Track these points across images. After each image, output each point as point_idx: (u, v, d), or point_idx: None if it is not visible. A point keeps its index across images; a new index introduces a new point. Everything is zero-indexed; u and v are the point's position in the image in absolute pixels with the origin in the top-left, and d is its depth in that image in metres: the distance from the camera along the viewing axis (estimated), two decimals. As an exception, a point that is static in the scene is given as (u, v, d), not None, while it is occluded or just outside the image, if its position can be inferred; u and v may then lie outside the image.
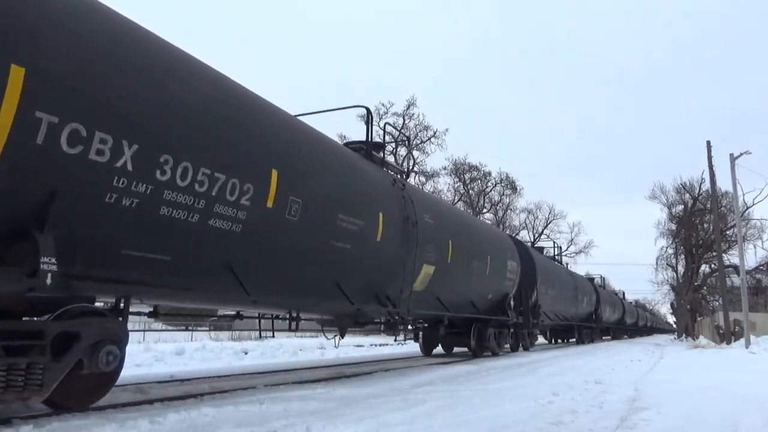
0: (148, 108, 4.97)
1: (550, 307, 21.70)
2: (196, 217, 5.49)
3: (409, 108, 37.88)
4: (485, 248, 13.89)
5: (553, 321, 23.19)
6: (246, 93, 6.70)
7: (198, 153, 5.41)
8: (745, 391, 7.92)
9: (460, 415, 5.62)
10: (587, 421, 5.44)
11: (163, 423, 4.89)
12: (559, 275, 24.45)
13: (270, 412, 5.57)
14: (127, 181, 4.76)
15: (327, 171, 7.70)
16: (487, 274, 13.70)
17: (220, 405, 5.79)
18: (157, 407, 5.81)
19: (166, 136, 5.09)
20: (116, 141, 4.61)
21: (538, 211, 52.45)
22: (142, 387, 7.68)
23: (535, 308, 18.50)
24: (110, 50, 4.74)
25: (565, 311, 24.75)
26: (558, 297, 22.74)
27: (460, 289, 12.63)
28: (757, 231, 37.13)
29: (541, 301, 19.36)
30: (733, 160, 23.19)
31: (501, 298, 15.26)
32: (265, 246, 6.52)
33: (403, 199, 9.88)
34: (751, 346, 20.06)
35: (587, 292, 29.92)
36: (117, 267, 5.14)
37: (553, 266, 25.04)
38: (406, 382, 8.55)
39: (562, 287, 23.90)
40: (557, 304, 22.89)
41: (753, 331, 23.24)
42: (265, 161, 6.33)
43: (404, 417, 5.40)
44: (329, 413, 5.52)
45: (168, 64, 5.44)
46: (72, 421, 4.90)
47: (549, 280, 21.23)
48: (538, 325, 19.37)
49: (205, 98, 5.72)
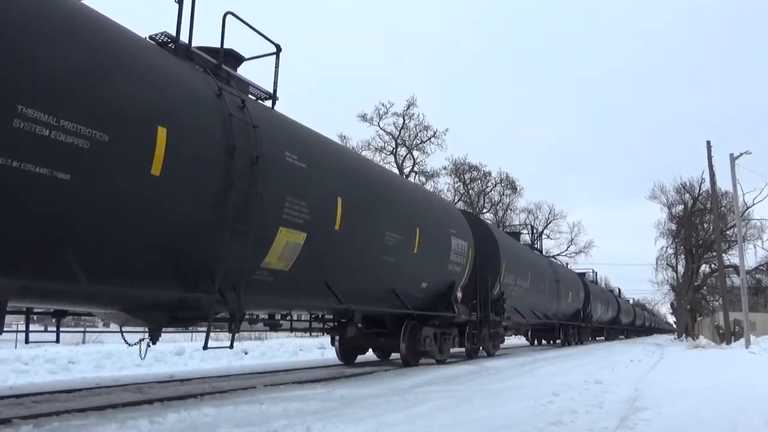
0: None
1: (522, 301, 18.29)
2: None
3: (409, 108, 37.89)
4: (411, 216, 10.34)
5: (528, 319, 19.54)
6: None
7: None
8: (745, 391, 7.92)
9: (460, 415, 5.62)
10: (587, 421, 5.44)
11: (163, 423, 4.89)
12: (535, 264, 20.77)
13: (270, 412, 5.57)
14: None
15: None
16: (415, 253, 10.21)
17: (219, 405, 5.79)
18: (157, 407, 5.81)
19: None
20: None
21: (538, 211, 52.42)
22: (142, 387, 7.69)
23: (499, 303, 15.28)
24: None
25: (544, 307, 21.56)
26: (533, 290, 19.41)
27: (365, 270, 9.05)
28: (757, 231, 37.19)
29: (508, 293, 16.22)
30: (733, 160, 23.19)
31: (444, 288, 11.83)
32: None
33: (230, 118, 6.16)
34: (751, 346, 20.05)
35: (573, 287, 26.62)
36: None
37: (526, 252, 21.17)
38: (406, 382, 8.55)
39: (539, 279, 20.39)
40: (532, 298, 19.57)
41: (753, 331, 23.23)
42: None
43: (404, 417, 5.40)
44: (329, 413, 5.52)
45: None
46: (72, 421, 4.91)
47: (519, 268, 17.65)
48: (501, 323, 15.79)
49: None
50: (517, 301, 17.62)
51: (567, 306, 25.11)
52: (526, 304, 18.95)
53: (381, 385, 8.20)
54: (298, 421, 4.99)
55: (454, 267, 12.15)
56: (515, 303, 17.38)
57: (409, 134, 38.45)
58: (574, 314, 26.95)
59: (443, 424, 5.09)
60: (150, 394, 6.98)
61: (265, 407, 5.82)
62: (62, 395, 6.84)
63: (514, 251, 18.09)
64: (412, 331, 11.28)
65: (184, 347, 13.53)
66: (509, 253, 16.70)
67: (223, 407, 5.65)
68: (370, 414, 5.51)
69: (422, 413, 5.65)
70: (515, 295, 17.21)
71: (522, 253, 19.79)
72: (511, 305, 16.84)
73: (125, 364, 10.69)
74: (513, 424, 5.15)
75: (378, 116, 37.60)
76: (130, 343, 7.01)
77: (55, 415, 5.13)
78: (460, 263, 12.41)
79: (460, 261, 12.38)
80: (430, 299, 11.58)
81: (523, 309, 18.60)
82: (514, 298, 17.05)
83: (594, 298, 31.10)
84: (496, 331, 15.95)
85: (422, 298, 11.24)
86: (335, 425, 4.87)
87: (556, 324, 23.68)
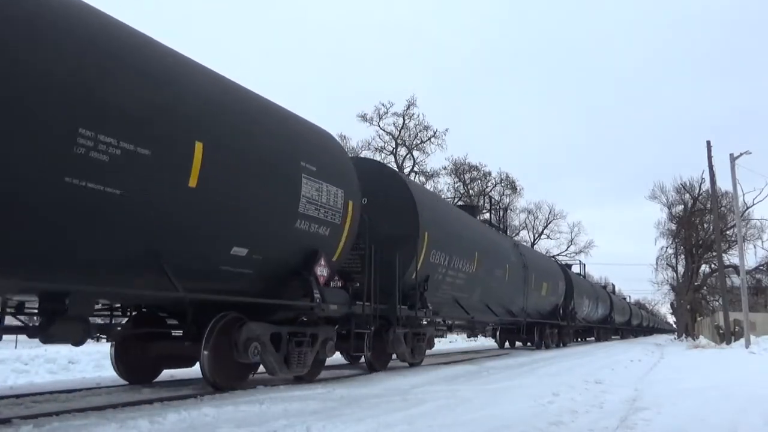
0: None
1: (468, 291, 13.50)
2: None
3: (409, 108, 37.95)
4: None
5: (476, 315, 14.71)
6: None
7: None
8: (745, 391, 7.92)
9: (460, 415, 5.62)
10: (587, 421, 5.44)
11: (163, 423, 4.89)
12: (487, 243, 15.12)
13: (270, 412, 5.57)
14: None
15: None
16: (193, 187, 6.15)
17: (219, 405, 5.79)
18: (157, 407, 5.81)
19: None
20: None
21: (538, 211, 52.50)
22: (142, 387, 7.68)
23: (416, 291, 10.72)
24: None
25: (503, 301, 16.72)
26: (485, 277, 14.38)
27: None
28: (757, 231, 37.23)
29: (438, 279, 11.75)
30: (733, 160, 23.20)
31: (294, 260, 7.64)
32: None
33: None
34: (751, 346, 20.05)
35: (550, 277, 22.12)
36: None
37: (472, 225, 14.85)
38: (406, 382, 8.55)
39: (494, 262, 15.16)
40: (485, 288, 14.57)
41: (753, 331, 23.23)
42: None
43: (404, 417, 5.40)
44: (329, 413, 5.52)
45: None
46: (72, 421, 4.91)
47: (457, 245, 12.53)
48: (420, 320, 11.47)
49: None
50: (459, 290, 13.02)
51: (540, 300, 20.77)
52: (476, 296, 14.13)
53: (381, 385, 8.20)
54: (298, 421, 4.99)
55: (314, 227, 7.76)
56: (455, 293, 12.88)
57: (409, 134, 38.53)
58: (552, 311, 22.73)
59: (443, 424, 5.09)
60: (150, 394, 6.98)
61: (265, 407, 5.82)
62: (62, 395, 6.84)
63: (447, 220, 12.54)
64: (222, 332, 6.92)
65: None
66: (436, 222, 11.46)
67: (223, 407, 5.65)
68: (370, 414, 5.51)
69: (422, 413, 5.66)
70: (454, 281, 12.63)
71: (463, 225, 13.74)
72: (448, 296, 12.59)
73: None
74: (513, 424, 5.15)
75: (378, 116, 37.69)
76: None
77: (55, 415, 5.13)
78: (329, 222, 8.02)
79: (329, 218, 8.00)
80: (265, 278, 7.39)
81: (471, 302, 13.89)
82: (452, 286, 12.59)
83: (579, 293, 26.89)
84: (416, 332, 11.39)
85: (246, 276, 7.05)
86: (335, 425, 4.87)
87: (521, 322, 18.80)
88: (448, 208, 14.75)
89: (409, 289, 10.69)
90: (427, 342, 12.17)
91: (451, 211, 14.12)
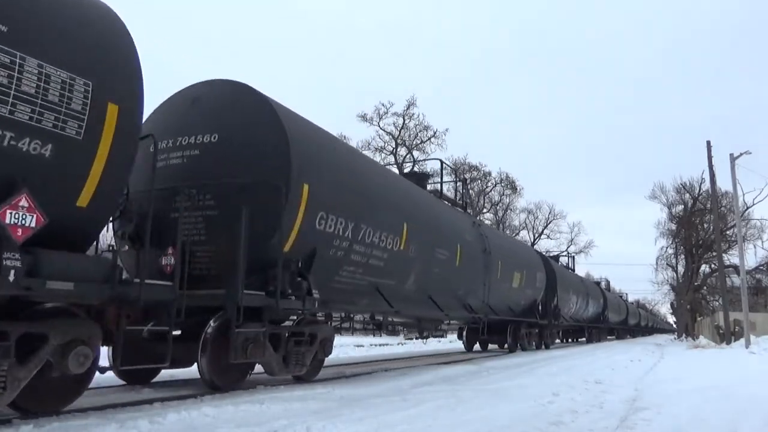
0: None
1: (392, 276, 9.91)
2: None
3: (409, 108, 37.94)
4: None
5: (398, 308, 10.36)
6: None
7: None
8: (745, 391, 7.92)
9: (460, 415, 5.62)
10: (587, 421, 5.44)
11: (163, 423, 4.88)
12: (418, 210, 11.02)
13: (270, 412, 5.57)
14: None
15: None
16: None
17: (219, 405, 5.78)
18: (157, 407, 5.80)
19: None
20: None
21: (538, 211, 52.58)
22: (142, 387, 7.67)
23: (285, 271, 7.20)
24: None
25: (455, 292, 13.08)
26: (415, 257, 10.45)
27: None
28: (757, 231, 37.24)
29: (332, 254, 8.26)
30: (733, 160, 23.19)
31: None
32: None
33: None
34: (751, 346, 20.05)
35: (524, 267, 18.24)
36: None
37: (391, 182, 10.74)
38: (406, 382, 8.55)
39: (427, 236, 10.94)
40: (421, 274, 10.80)
41: (753, 331, 23.23)
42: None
43: (404, 417, 5.40)
44: (329, 413, 5.52)
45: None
46: (72, 421, 4.90)
47: (358, 207, 8.73)
48: (291, 310, 7.78)
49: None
50: (379, 274, 9.47)
51: (511, 294, 17.02)
52: (409, 284, 10.54)
53: (381, 385, 8.20)
54: (299, 421, 4.99)
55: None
56: (375, 278, 9.39)
57: (409, 134, 38.52)
58: (530, 307, 19.22)
59: (443, 424, 5.09)
60: (150, 394, 6.97)
61: (265, 407, 5.82)
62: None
63: (351, 173, 8.90)
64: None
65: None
66: (328, 171, 8.10)
67: (223, 407, 5.65)
68: (370, 414, 5.51)
69: (422, 413, 5.65)
70: (368, 261, 9.05)
71: (382, 184, 9.96)
72: (361, 282, 9.13)
73: (125, 364, 10.66)
74: (513, 424, 5.15)
75: (378, 116, 37.68)
76: None
77: (55, 415, 5.13)
78: (49, 132, 4.50)
79: (46, 125, 2.79)
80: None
81: (402, 291, 10.33)
82: (365, 267, 9.05)
83: (565, 287, 23.57)
84: (297, 332, 7.88)
85: None
86: (335, 425, 4.87)
87: (481, 319, 15.29)
88: (355, 157, 10.05)
89: (280, 267, 6.90)
90: (319, 346, 8.23)
91: (359, 162, 9.79)
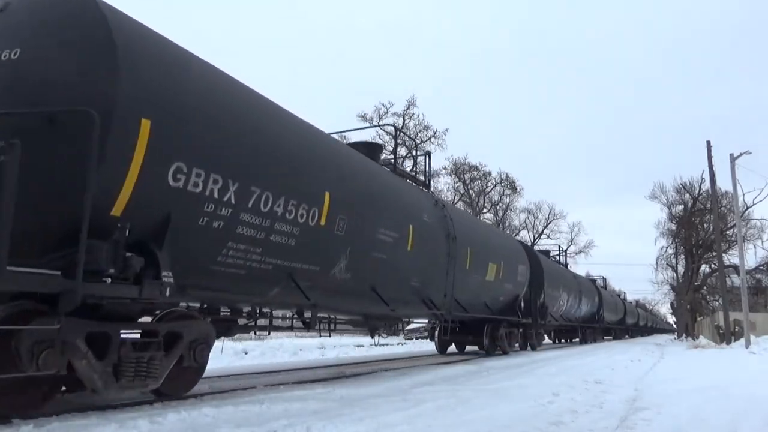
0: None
1: (311, 260, 7.44)
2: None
3: (409, 108, 37.92)
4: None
5: (314, 300, 7.63)
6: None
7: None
8: (745, 391, 7.93)
9: (460, 415, 5.62)
10: (587, 421, 5.44)
11: (163, 423, 4.89)
12: (349, 175, 8.46)
13: (270, 412, 5.57)
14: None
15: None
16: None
17: (220, 405, 5.79)
18: (157, 407, 5.81)
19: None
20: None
21: (538, 211, 52.54)
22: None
23: (105, 241, 4.86)
24: None
25: (408, 282, 10.35)
26: (344, 236, 7.92)
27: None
28: (757, 231, 37.25)
29: (201, 223, 5.78)
30: (733, 160, 23.20)
31: None
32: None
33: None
34: (751, 346, 20.06)
35: (504, 258, 15.27)
36: None
37: (303, 132, 7.80)
38: (406, 382, 8.55)
39: (364, 211, 8.53)
40: (356, 257, 8.25)
41: (753, 331, 23.24)
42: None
43: (404, 417, 5.40)
44: (329, 413, 5.52)
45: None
46: (72, 420, 4.91)
47: (243, 158, 6.22)
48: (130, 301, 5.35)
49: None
50: (293, 256, 7.12)
51: (485, 288, 14.23)
52: (339, 269, 8.05)
53: (381, 385, 8.20)
54: (299, 421, 4.99)
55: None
56: (286, 261, 7.04)
57: (410, 134, 38.45)
58: (510, 304, 16.39)
59: (443, 424, 5.09)
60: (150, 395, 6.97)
61: (265, 407, 5.82)
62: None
63: (227, 109, 6.21)
64: None
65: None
66: (191, 99, 5.72)
67: (223, 407, 5.65)
68: (370, 414, 5.51)
69: (422, 413, 5.65)
70: (270, 237, 6.64)
71: (283, 134, 7.17)
72: (264, 265, 6.70)
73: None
74: (513, 424, 5.15)
75: (378, 116, 37.62)
76: None
77: (54, 415, 5.13)
78: None
79: None
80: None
81: (328, 279, 7.92)
82: (268, 245, 6.66)
83: (553, 283, 20.99)
84: (149, 331, 5.67)
85: None
86: (335, 425, 4.87)
87: (443, 317, 12.23)
88: (249, 97, 6.97)
89: (84, 234, 4.56)
90: (187, 350, 6.11)
91: (254, 104, 6.99)
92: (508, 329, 17.12)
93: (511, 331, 17.59)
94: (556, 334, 30.96)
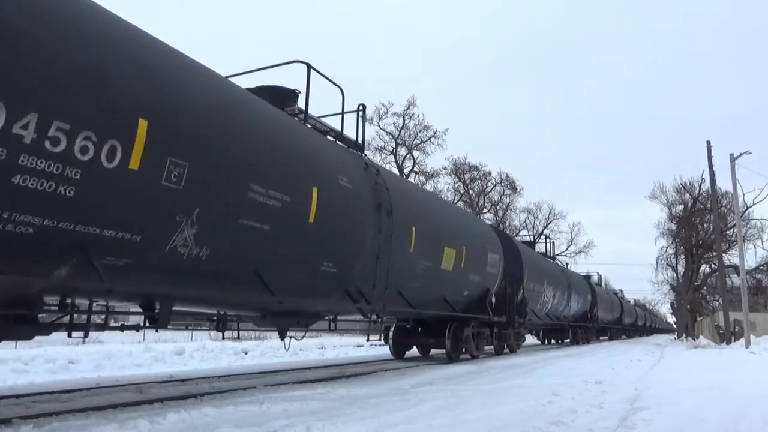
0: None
1: (133, 228, 5.03)
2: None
3: (409, 108, 37.84)
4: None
5: (149, 288, 5.74)
6: None
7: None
8: (745, 391, 7.92)
9: (460, 415, 5.62)
10: (587, 421, 5.44)
11: (163, 423, 4.89)
12: (206, 109, 5.76)
13: (270, 412, 5.57)
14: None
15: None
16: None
17: (220, 405, 5.79)
18: (157, 407, 5.81)
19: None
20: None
21: (538, 211, 52.47)
22: (142, 387, 7.68)
23: None
24: None
25: (312, 263, 7.65)
26: (195, 191, 5.46)
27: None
28: (757, 231, 37.20)
29: None
30: (733, 160, 23.20)
31: None
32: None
33: None
34: (751, 346, 20.05)
35: (468, 242, 12.52)
36: None
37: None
38: (406, 382, 8.55)
39: (235, 159, 5.99)
40: (209, 223, 5.67)
41: (753, 331, 23.24)
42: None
43: (404, 417, 5.40)
44: (329, 413, 5.52)
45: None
46: (72, 421, 4.91)
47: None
48: None
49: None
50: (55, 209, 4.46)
51: (442, 280, 11.51)
52: (183, 241, 5.51)
53: (381, 385, 8.20)
54: (299, 421, 4.99)
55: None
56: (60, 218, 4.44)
57: (409, 134, 38.45)
58: (479, 299, 13.78)
59: (443, 424, 5.09)
60: (150, 394, 6.98)
61: (265, 407, 5.82)
62: (62, 395, 6.83)
63: None
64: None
65: (185, 347, 13.53)
66: None
67: (223, 407, 5.65)
68: (370, 414, 5.51)
69: (422, 413, 5.65)
70: (54, 190, 4.28)
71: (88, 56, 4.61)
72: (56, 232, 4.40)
73: (125, 364, 10.68)
74: (513, 424, 5.15)
75: (378, 116, 37.57)
76: None
77: (55, 415, 5.13)
78: None
79: None
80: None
81: (173, 258, 5.51)
82: (43, 195, 4.18)
83: (536, 277, 18.67)
84: None
85: None
86: (335, 425, 4.87)
87: (363, 312, 9.58)
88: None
89: None
90: None
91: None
92: (477, 329, 14.45)
93: (481, 332, 14.75)
94: (546, 334, 28.73)
